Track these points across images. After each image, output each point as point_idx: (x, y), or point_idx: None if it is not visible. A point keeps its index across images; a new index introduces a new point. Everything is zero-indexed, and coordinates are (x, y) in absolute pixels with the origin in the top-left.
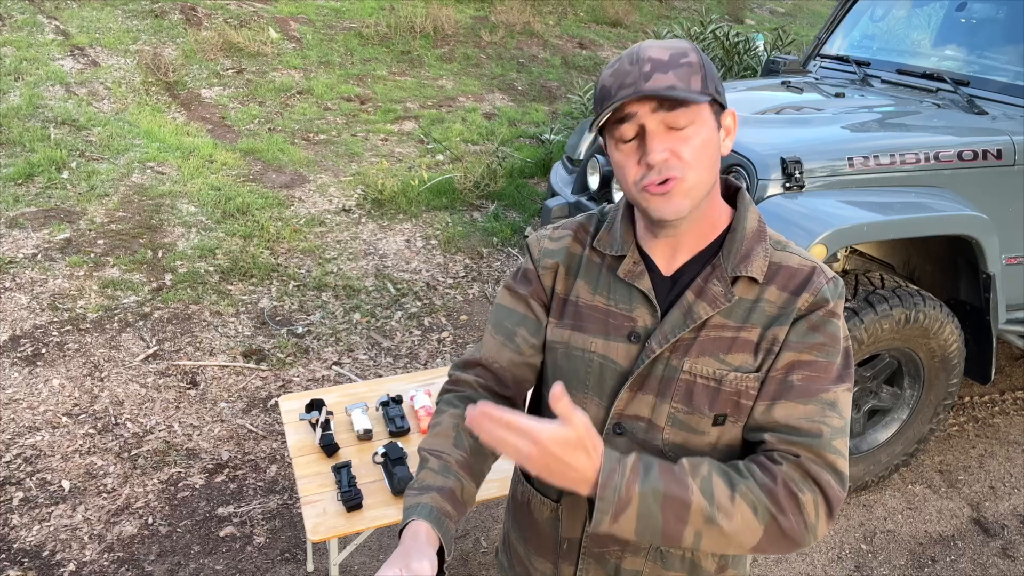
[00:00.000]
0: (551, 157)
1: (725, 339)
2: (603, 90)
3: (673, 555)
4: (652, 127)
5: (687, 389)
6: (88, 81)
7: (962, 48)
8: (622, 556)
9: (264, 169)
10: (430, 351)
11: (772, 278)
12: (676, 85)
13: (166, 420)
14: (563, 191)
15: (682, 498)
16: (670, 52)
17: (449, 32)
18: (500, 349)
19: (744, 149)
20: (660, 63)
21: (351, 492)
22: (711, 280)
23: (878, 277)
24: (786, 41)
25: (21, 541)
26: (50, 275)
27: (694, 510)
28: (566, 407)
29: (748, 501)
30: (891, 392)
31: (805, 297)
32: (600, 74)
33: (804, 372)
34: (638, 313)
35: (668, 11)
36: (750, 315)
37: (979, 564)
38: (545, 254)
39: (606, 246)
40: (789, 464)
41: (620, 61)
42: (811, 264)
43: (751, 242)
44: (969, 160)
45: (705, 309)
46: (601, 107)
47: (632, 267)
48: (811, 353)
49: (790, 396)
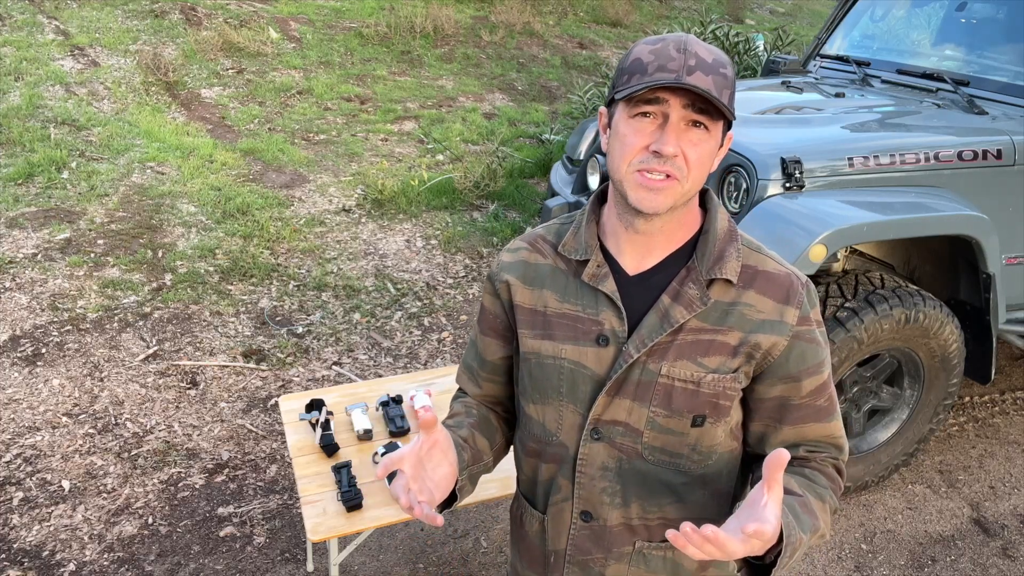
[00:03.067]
0: (551, 157)
1: (702, 342)
2: (637, 63)
3: (655, 557)
4: (675, 119)
5: (666, 393)
6: (88, 81)
7: (962, 48)
8: (605, 564)
9: (264, 169)
10: (430, 351)
11: (750, 282)
12: (712, 91)
13: (166, 420)
14: (563, 191)
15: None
16: (714, 57)
17: (449, 32)
18: (469, 382)
19: (744, 149)
20: (705, 63)
21: (351, 492)
22: (686, 283)
23: (878, 277)
24: (786, 41)
25: (21, 541)
26: (50, 275)
27: (820, 532)
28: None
29: (831, 507)
30: (891, 392)
31: (792, 312)
32: (635, 46)
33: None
34: (604, 316)
35: (668, 11)
36: (727, 318)
37: (979, 564)
38: (501, 268)
39: (571, 251)
40: (832, 467)
41: (664, 42)
42: (785, 270)
43: (723, 243)
44: (969, 160)
45: (681, 313)
46: (631, 79)
47: (596, 270)
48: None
49: (819, 419)
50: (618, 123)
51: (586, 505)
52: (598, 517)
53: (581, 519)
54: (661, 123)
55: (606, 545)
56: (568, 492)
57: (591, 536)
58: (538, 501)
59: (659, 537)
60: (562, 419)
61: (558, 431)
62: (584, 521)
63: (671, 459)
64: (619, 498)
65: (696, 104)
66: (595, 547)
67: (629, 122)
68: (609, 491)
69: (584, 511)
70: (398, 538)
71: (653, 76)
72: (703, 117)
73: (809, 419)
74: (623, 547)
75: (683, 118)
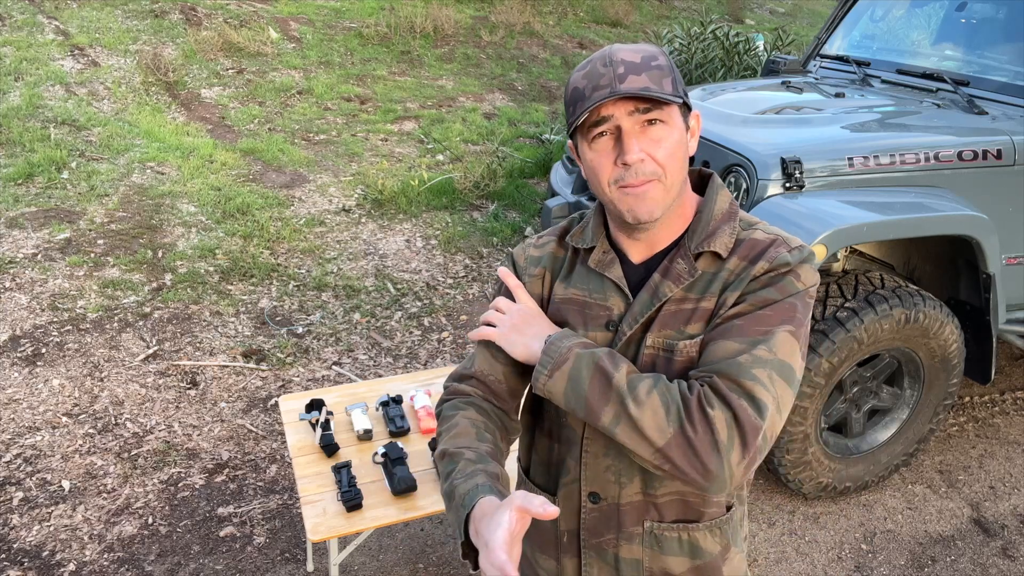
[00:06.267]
0: (551, 157)
1: (685, 311)
2: (575, 92)
3: (669, 539)
4: (628, 127)
5: (650, 362)
6: (88, 81)
7: (962, 48)
8: (618, 545)
9: (264, 169)
10: (430, 351)
11: (735, 250)
12: (650, 87)
13: (166, 420)
14: (563, 191)
15: (608, 372)
16: (641, 55)
17: (449, 32)
18: (491, 362)
19: (744, 149)
20: (633, 65)
21: (351, 492)
22: (675, 259)
23: (878, 277)
24: (786, 41)
25: (21, 541)
26: (50, 275)
27: (614, 388)
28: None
29: (662, 398)
30: (891, 392)
31: (761, 265)
32: (570, 77)
33: (745, 318)
34: (612, 302)
35: (668, 11)
36: (710, 286)
37: (979, 564)
38: (531, 262)
39: (578, 240)
40: (707, 386)
41: (591, 63)
42: (771, 236)
43: (719, 222)
44: (969, 160)
45: (669, 287)
46: (575, 109)
47: (602, 256)
48: (756, 304)
49: (726, 336)
50: (584, 152)
51: (593, 485)
52: (606, 497)
53: (590, 500)
54: (618, 136)
55: (617, 525)
56: (576, 474)
57: (601, 518)
58: (549, 484)
59: (671, 516)
60: None
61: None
62: (593, 503)
63: None
64: (624, 476)
65: (640, 105)
66: (607, 528)
67: (591, 147)
68: (613, 469)
69: (592, 492)
70: (398, 538)
71: (591, 98)
72: (653, 113)
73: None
74: (634, 527)
75: (635, 123)
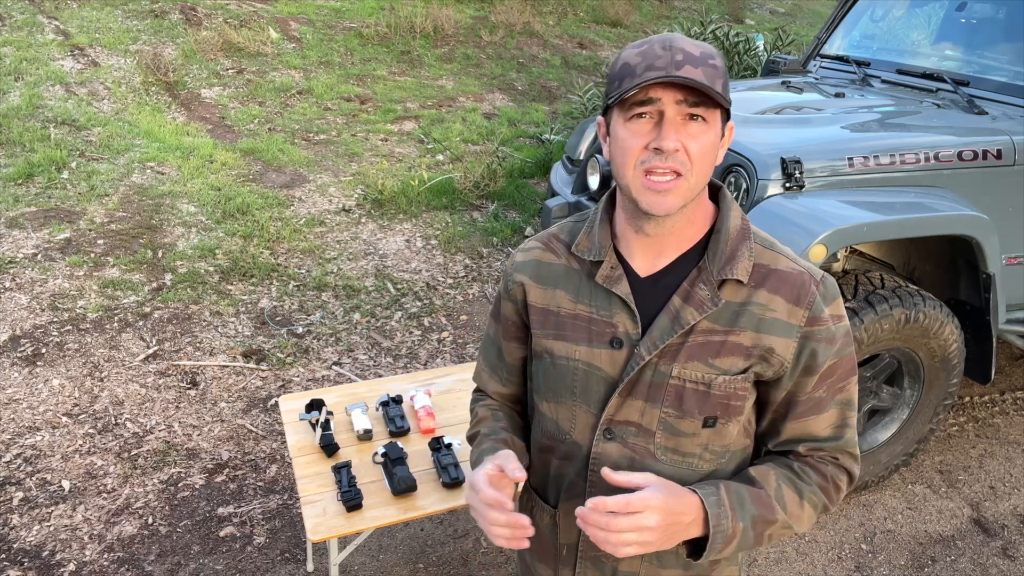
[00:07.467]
0: (551, 157)
1: (714, 343)
2: (626, 67)
3: (668, 553)
4: (671, 115)
5: (677, 394)
6: (88, 81)
7: (962, 48)
8: (618, 559)
9: (264, 169)
10: (430, 351)
11: (762, 282)
12: (704, 81)
13: (166, 420)
14: (563, 191)
15: (770, 519)
16: (700, 50)
17: (449, 32)
18: (490, 381)
19: (744, 149)
20: (692, 57)
21: (351, 492)
22: (697, 284)
23: (878, 277)
24: (786, 41)
25: (21, 541)
26: (50, 275)
27: (778, 525)
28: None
29: (812, 504)
30: (891, 392)
31: (801, 313)
32: (622, 52)
33: (823, 388)
34: (618, 319)
35: (668, 11)
36: (738, 319)
37: (979, 564)
38: (515, 268)
39: (584, 251)
40: (832, 465)
41: (650, 44)
42: (798, 268)
43: (735, 242)
44: (969, 160)
45: (692, 314)
46: (621, 83)
47: (610, 272)
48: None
49: (818, 411)
50: (616, 129)
51: None
52: None
53: None
54: (658, 121)
55: None
56: (581, 489)
57: None
58: (549, 496)
59: None
60: (575, 418)
61: (571, 430)
62: None
63: (683, 459)
64: None
65: (689, 98)
66: None
67: (626, 125)
68: (622, 489)
69: None
70: (398, 538)
71: (643, 76)
72: (699, 109)
73: (809, 413)
74: None
75: (679, 112)
